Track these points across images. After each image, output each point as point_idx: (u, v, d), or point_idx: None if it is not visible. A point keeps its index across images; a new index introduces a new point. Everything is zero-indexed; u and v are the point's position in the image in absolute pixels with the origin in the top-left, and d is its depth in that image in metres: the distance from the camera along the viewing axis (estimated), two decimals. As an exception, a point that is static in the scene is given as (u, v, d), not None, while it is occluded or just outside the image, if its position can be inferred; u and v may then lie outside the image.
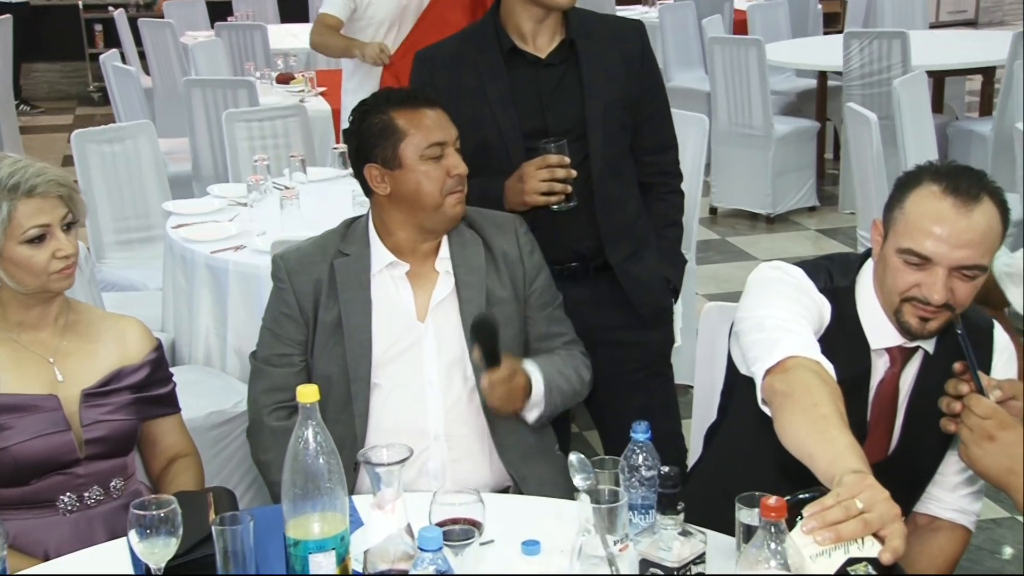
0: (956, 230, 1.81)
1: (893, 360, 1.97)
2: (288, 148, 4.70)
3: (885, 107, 5.33)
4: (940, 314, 1.86)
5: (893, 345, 1.96)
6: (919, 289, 1.85)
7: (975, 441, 1.61)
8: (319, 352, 2.31)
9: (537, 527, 1.92)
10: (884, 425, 2.00)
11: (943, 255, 1.81)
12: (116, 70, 6.35)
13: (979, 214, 1.82)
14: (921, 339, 1.92)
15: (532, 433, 2.36)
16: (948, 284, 1.82)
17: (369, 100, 2.35)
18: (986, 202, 1.84)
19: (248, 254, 3.36)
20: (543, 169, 2.49)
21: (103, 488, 2.17)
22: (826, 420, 1.65)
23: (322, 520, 1.65)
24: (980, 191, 1.84)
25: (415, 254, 2.32)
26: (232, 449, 3.09)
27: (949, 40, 7.70)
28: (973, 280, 1.84)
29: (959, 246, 1.81)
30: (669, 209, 2.82)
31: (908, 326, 1.89)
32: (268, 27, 8.12)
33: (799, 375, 1.75)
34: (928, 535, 2.03)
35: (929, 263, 1.83)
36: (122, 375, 2.21)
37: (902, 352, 1.97)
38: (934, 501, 2.05)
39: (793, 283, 1.97)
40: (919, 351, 1.97)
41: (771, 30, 7.86)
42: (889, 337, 1.95)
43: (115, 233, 4.38)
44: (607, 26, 2.70)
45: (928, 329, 1.87)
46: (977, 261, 1.82)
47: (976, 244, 1.82)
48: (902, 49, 6.00)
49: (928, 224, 1.82)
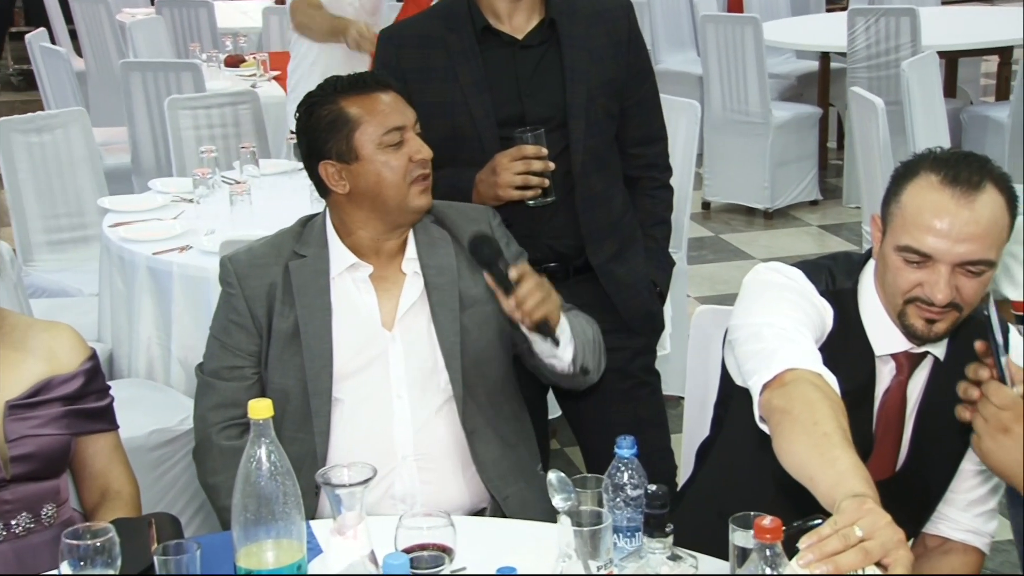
0: (957, 223, 1.81)
1: (900, 367, 1.98)
2: (238, 138, 4.69)
3: (893, 91, 5.37)
4: (947, 315, 1.86)
5: (899, 351, 1.97)
6: (922, 289, 1.85)
7: (989, 432, 1.62)
8: (274, 364, 2.31)
9: (513, 552, 1.92)
10: (891, 438, 2.01)
11: (945, 251, 1.82)
12: (44, 51, 6.32)
13: (982, 204, 1.82)
14: (928, 343, 1.93)
15: (514, 448, 2.37)
16: (952, 282, 1.83)
17: (315, 91, 2.34)
18: (990, 190, 1.84)
19: (194, 255, 3.36)
20: (518, 160, 2.50)
21: (33, 515, 2.16)
22: (828, 439, 1.65)
23: (277, 548, 1.65)
24: (982, 179, 1.84)
25: (379, 254, 2.33)
26: (177, 471, 3.08)
27: (963, 17, 7.76)
28: (980, 276, 1.84)
29: (961, 240, 1.81)
30: (657, 206, 2.83)
31: (913, 329, 1.90)
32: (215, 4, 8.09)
33: (799, 390, 1.75)
34: (939, 558, 2.05)
35: (930, 260, 1.83)
36: (52, 385, 2.19)
37: (909, 359, 1.98)
38: (945, 521, 2.07)
39: (792, 286, 1.97)
40: (928, 357, 1.98)
41: (769, 7, 7.91)
42: (895, 342, 1.96)
43: (45, 233, 4.34)
44: (591, 4, 2.70)
45: (935, 332, 1.88)
46: (982, 256, 1.82)
47: (980, 237, 1.81)
48: (911, 27, 6.04)
49: (927, 218, 1.82)
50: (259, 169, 4.14)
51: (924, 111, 4.89)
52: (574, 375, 2.32)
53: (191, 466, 2.48)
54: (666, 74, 7.03)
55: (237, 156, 4.27)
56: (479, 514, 2.34)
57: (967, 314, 1.89)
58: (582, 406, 2.78)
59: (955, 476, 2.04)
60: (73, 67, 6.62)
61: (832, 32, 6.71)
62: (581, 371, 2.31)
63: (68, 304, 3.98)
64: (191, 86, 5.35)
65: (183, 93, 5.13)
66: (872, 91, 4.72)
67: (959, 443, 1.97)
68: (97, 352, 2.36)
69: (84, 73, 7.47)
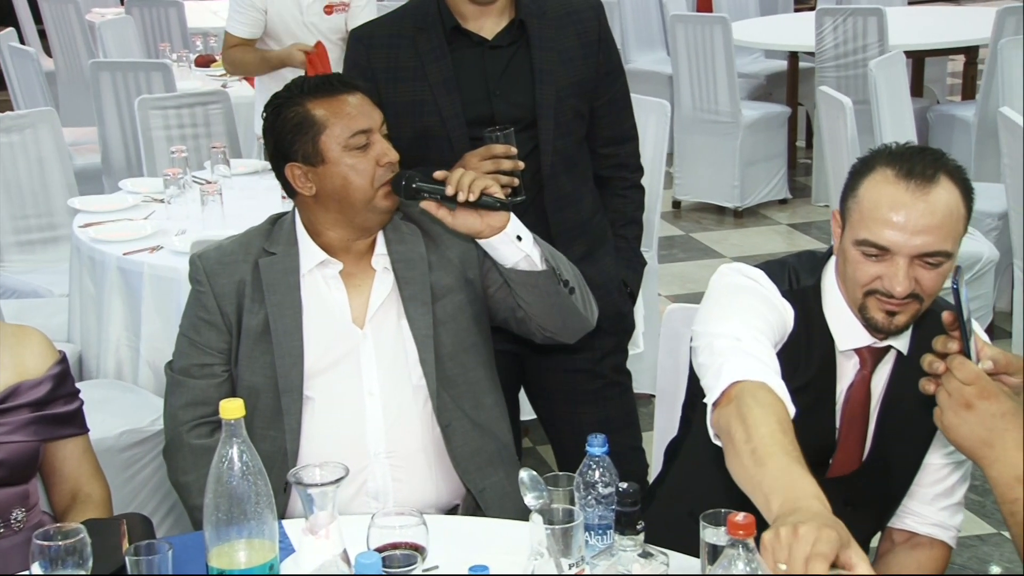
0: (913, 216, 1.83)
1: (863, 362, 2.00)
2: (209, 138, 4.67)
3: (861, 90, 5.40)
4: (907, 306, 1.87)
5: (863, 346, 1.98)
6: (881, 282, 1.86)
7: (952, 407, 1.63)
8: (244, 361, 2.30)
9: (485, 551, 1.92)
10: (856, 432, 2.02)
11: (902, 244, 1.83)
12: (13, 51, 6.28)
13: (937, 197, 1.84)
14: (890, 335, 1.94)
15: (488, 440, 2.36)
16: (911, 274, 1.84)
17: (282, 92, 2.32)
18: (944, 183, 1.86)
19: (165, 256, 3.34)
20: (487, 160, 2.49)
21: (2, 520, 2.14)
22: (754, 456, 1.64)
23: (249, 548, 1.65)
24: (937, 172, 1.86)
25: (349, 252, 2.32)
26: (148, 471, 3.07)
27: (929, 17, 7.81)
28: (938, 268, 1.86)
29: (918, 232, 1.82)
30: (628, 206, 2.84)
31: (874, 322, 1.91)
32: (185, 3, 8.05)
33: (739, 407, 1.74)
34: (906, 552, 2.06)
35: (889, 253, 1.85)
36: (20, 391, 2.17)
37: (872, 353, 1.99)
38: (911, 516, 2.08)
39: (753, 289, 1.98)
40: (891, 351, 2.00)
41: (738, 7, 7.94)
42: (858, 337, 1.97)
43: (14, 233, 4.32)
44: (561, 4, 2.70)
45: (895, 324, 1.89)
46: (939, 247, 1.84)
47: (935, 229, 1.83)
48: (879, 27, 6.07)
49: (884, 212, 1.84)
50: (230, 169, 4.12)
51: (891, 110, 4.92)
52: (559, 292, 2.26)
53: (162, 467, 2.46)
54: (636, 74, 7.04)
55: (208, 156, 4.26)
56: (453, 511, 2.34)
57: (927, 306, 1.90)
58: (554, 406, 2.79)
59: (920, 469, 2.05)
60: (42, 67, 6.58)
61: (800, 32, 6.75)
62: (564, 284, 2.26)
63: (38, 305, 3.96)
64: (161, 86, 5.31)
65: (153, 93, 5.10)
66: (840, 90, 4.75)
67: (924, 435, 2.00)
68: (67, 354, 2.34)
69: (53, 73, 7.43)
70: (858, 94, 5.21)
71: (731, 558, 1.49)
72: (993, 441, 1.59)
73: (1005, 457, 1.58)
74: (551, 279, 2.24)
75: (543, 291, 2.26)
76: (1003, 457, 1.58)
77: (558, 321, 2.32)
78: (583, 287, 2.33)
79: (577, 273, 2.34)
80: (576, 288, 2.30)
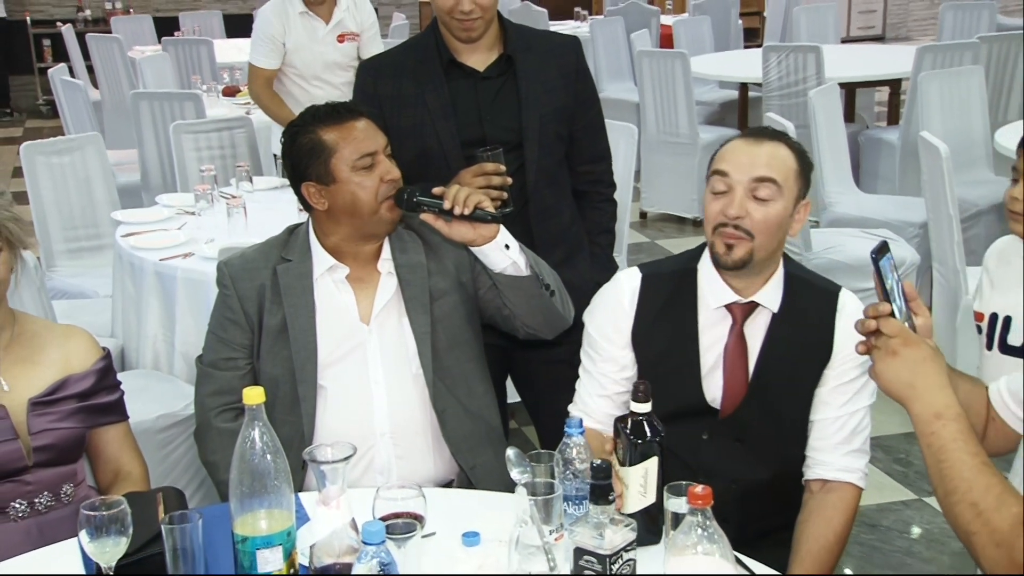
0: (747, 152, 2.03)
1: (734, 317, 2.09)
2: (234, 159, 4.65)
3: (801, 116, 5.40)
4: (742, 242, 2.01)
5: (731, 302, 2.08)
6: (722, 213, 2.01)
7: (881, 357, 1.65)
8: (265, 355, 2.28)
9: (477, 519, 1.91)
10: (739, 377, 2.09)
11: (737, 170, 2.01)
12: (65, 84, 6.25)
13: (770, 146, 2.04)
14: (729, 269, 2.04)
15: (479, 424, 2.35)
16: (745, 205, 2.00)
17: (296, 121, 2.31)
18: (779, 143, 2.05)
19: (196, 261, 3.32)
20: (479, 176, 2.48)
21: (53, 494, 2.13)
22: None
23: (269, 517, 1.64)
24: (774, 137, 2.07)
25: (356, 258, 2.30)
26: (181, 451, 3.05)
27: (859, 54, 7.84)
28: (769, 203, 2.00)
29: (751, 165, 2.01)
30: (602, 217, 2.83)
31: (716, 256, 2.04)
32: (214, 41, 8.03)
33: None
34: (823, 496, 2.07)
35: (729, 189, 2.01)
36: (68, 384, 2.16)
37: (741, 309, 2.08)
38: (820, 465, 2.09)
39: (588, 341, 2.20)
40: (759, 308, 2.08)
41: (695, 44, 7.95)
42: (725, 296, 2.08)
43: (65, 242, 4.30)
44: (544, 41, 2.70)
45: (732, 257, 2.02)
46: (767, 174, 2.00)
47: (764, 165, 2.01)
48: (816, 62, 6.09)
49: (728, 154, 2.05)
50: (252, 185, 4.11)
51: (828, 134, 4.93)
52: (541, 294, 2.25)
53: (193, 446, 2.44)
54: (607, 101, 6.98)
55: (233, 174, 4.24)
56: (448, 485, 2.32)
57: (761, 244, 2.01)
58: (536, 392, 2.78)
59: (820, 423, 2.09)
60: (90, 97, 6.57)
61: (749, 66, 6.75)
62: (545, 288, 2.26)
63: (85, 305, 3.93)
64: (193, 113, 5.30)
65: (186, 120, 5.08)
66: (784, 116, 4.75)
67: (801, 383, 2.09)
68: (110, 347, 2.33)
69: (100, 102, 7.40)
70: (799, 119, 5.21)
71: (691, 524, 1.49)
72: (915, 382, 1.60)
73: (926, 395, 1.59)
74: (534, 283, 2.23)
75: (527, 293, 2.24)
76: (924, 396, 1.60)
77: (539, 319, 2.31)
78: (562, 290, 2.32)
79: (556, 277, 2.32)
80: (555, 291, 2.28)
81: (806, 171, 2.06)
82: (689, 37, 8.03)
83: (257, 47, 4.56)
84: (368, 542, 1.52)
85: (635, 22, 8.49)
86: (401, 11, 10.85)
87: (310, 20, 4.53)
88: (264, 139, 5.06)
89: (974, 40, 6.33)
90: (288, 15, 4.51)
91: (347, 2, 4.59)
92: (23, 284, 3.09)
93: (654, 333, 2.12)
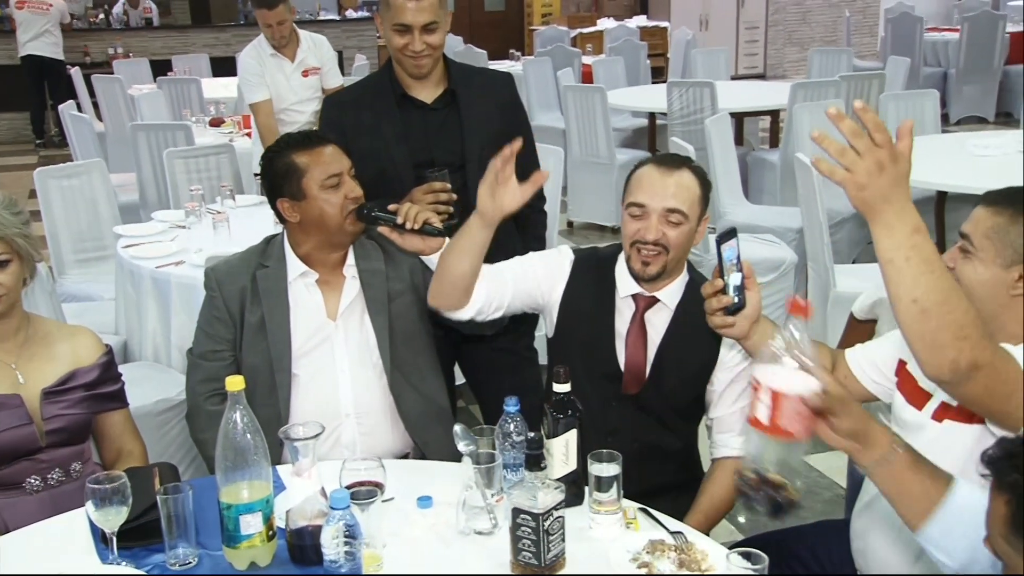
0: (660, 183, 2.01)
1: (637, 306, 2.10)
2: (219, 180, 4.58)
3: (700, 140, 5.44)
4: (657, 257, 2.02)
5: (635, 293, 2.09)
6: (640, 233, 2.01)
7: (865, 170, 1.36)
8: (246, 348, 2.24)
9: (429, 485, 1.90)
10: (639, 358, 2.09)
11: (651, 199, 2.00)
12: (73, 118, 6.11)
13: (679, 175, 2.02)
14: (646, 281, 2.06)
15: (431, 404, 2.32)
16: (660, 227, 2.00)
17: (273, 147, 2.28)
18: (686, 171, 2.03)
19: (187, 268, 3.27)
20: (429, 194, 2.46)
21: (64, 471, 2.09)
22: None
23: (250, 487, 1.62)
24: (681, 165, 2.04)
25: (324, 264, 2.27)
26: (176, 431, 3.00)
27: (745, 89, 7.92)
28: (679, 226, 2.00)
29: (665, 195, 2.00)
30: (535, 226, 2.82)
31: (635, 270, 2.05)
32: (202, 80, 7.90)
33: None
34: (719, 472, 2.10)
35: (645, 212, 2.00)
36: (76, 376, 2.12)
37: (644, 300, 2.09)
38: (719, 447, 2.12)
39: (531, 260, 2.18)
40: (659, 303, 2.09)
41: (611, 80, 7.98)
42: (632, 287, 2.09)
43: (74, 253, 4.22)
44: (483, 77, 2.69)
45: (649, 271, 2.03)
46: (677, 206, 2.00)
47: (675, 195, 2.00)
48: (711, 96, 6.15)
49: (643, 183, 2.03)
50: (235, 202, 4.05)
51: (721, 155, 4.98)
52: None
53: (186, 427, 2.39)
54: (538, 128, 7.01)
55: (218, 193, 4.17)
56: (404, 457, 2.30)
57: (673, 257, 2.02)
58: (480, 375, 2.76)
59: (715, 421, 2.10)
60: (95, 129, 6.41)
61: (656, 98, 6.79)
62: None
63: (92, 307, 3.86)
64: (184, 141, 5.21)
65: (178, 147, 4.99)
66: (685, 140, 4.78)
67: (694, 370, 2.09)
68: (113, 345, 2.29)
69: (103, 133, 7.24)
70: (698, 143, 5.25)
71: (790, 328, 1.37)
72: (892, 198, 1.37)
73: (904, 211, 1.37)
74: None
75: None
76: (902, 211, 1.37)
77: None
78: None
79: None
80: None
81: (706, 193, 2.06)
82: (606, 74, 8.07)
83: (250, 87, 4.61)
84: (335, 507, 1.50)
85: (561, 62, 8.51)
86: (362, 53, 10.79)
87: (279, 60, 4.66)
88: (245, 163, 5.01)
89: (836, 78, 6.44)
90: (262, 57, 4.63)
91: (307, 42, 4.73)
92: (36, 290, 3.03)
93: (580, 301, 2.12)
